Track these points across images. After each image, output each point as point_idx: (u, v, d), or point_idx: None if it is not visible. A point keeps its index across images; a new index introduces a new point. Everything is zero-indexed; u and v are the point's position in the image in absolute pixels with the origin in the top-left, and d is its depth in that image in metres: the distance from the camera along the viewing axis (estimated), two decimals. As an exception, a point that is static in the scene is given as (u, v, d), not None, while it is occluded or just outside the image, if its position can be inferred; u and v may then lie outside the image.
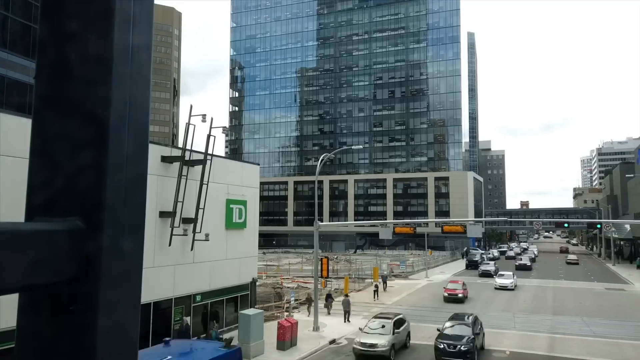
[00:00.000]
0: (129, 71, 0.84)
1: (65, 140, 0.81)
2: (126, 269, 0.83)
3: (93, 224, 0.78)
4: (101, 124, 0.81)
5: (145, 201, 0.89)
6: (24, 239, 0.70)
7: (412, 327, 25.71)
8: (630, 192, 71.61)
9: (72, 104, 0.81)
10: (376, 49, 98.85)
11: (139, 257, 0.87)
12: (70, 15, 0.80)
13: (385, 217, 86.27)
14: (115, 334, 0.80)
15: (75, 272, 0.76)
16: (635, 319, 28.67)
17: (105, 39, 0.81)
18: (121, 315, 0.81)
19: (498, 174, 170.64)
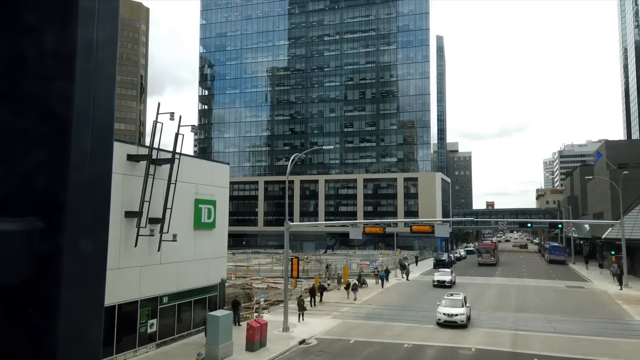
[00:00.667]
0: (92, 67, 0.82)
1: (23, 137, 0.78)
2: (88, 270, 0.81)
3: (53, 224, 0.76)
4: (62, 121, 0.78)
5: (109, 201, 0.87)
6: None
7: (381, 326, 26.00)
8: (589, 193, 74.56)
9: (30, 100, 0.78)
10: (347, 50, 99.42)
11: (102, 258, 0.85)
12: (30, 7, 0.77)
13: (356, 217, 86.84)
14: (76, 337, 0.78)
15: (34, 274, 0.74)
16: (593, 315, 29.84)
17: (67, 33, 0.78)
18: (83, 318, 0.79)
19: (465, 175, 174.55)
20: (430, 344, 22.44)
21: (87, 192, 0.81)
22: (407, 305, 32.99)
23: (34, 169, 0.77)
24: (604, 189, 59.43)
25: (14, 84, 0.78)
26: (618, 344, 22.42)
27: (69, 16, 0.78)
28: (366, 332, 24.78)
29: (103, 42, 0.84)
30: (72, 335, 0.77)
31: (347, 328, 25.72)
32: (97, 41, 0.82)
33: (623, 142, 76.34)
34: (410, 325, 26.22)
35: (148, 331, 20.27)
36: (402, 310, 31.00)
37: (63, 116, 0.78)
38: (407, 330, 25.05)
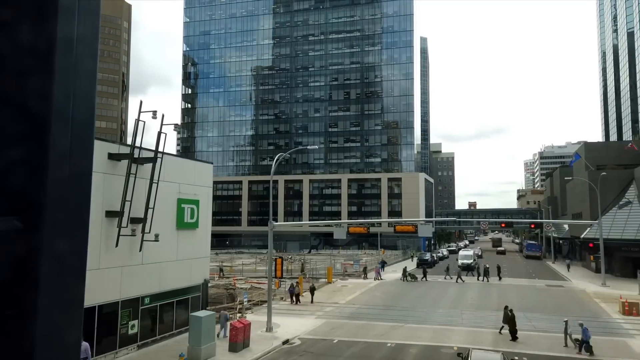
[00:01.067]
0: (72, 63, 0.80)
1: (0, 135, 0.76)
2: (67, 271, 0.79)
3: (30, 223, 0.74)
4: (40, 119, 0.76)
5: (89, 200, 0.86)
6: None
7: (364, 326, 26.10)
8: (569, 194, 75.99)
9: (7, 97, 0.76)
10: (332, 50, 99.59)
11: (81, 259, 0.83)
12: (7, 1, 0.74)
13: (340, 217, 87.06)
14: (54, 339, 0.76)
15: (10, 275, 0.72)
16: (572, 313, 30.37)
17: (46, 28, 0.76)
18: (61, 320, 0.78)
19: (448, 175, 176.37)
20: (413, 342, 22.59)
21: (66, 191, 0.79)
22: (391, 305, 33.17)
23: (11, 167, 0.75)
24: (583, 189, 60.64)
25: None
26: (597, 341, 22.85)
27: (48, 11, 0.76)
28: (350, 332, 24.84)
29: (83, 38, 0.82)
30: (49, 338, 0.75)
31: (331, 328, 25.75)
32: (77, 37, 0.80)
33: (601, 144, 78.01)
34: (394, 325, 26.37)
35: (129, 332, 19.98)
36: (385, 310, 31.16)
37: (41, 114, 0.77)
38: (390, 330, 25.18)
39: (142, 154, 20.11)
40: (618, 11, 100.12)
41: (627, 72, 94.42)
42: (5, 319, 0.72)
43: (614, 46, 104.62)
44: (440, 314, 29.72)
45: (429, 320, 27.97)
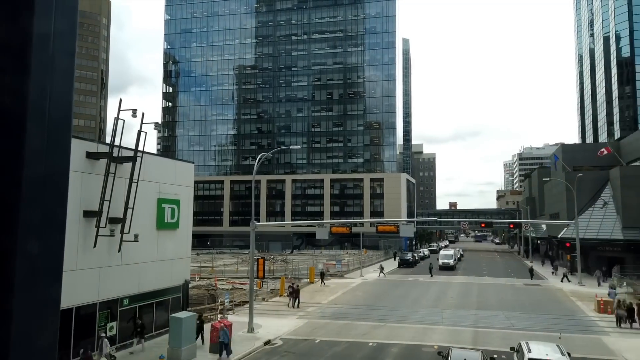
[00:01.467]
0: (48, 60, 0.77)
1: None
2: (42, 272, 0.77)
3: (4, 223, 0.72)
4: (14, 116, 0.74)
5: (66, 199, 0.83)
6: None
7: (346, 326, 26.15)
8: (547, 194, 77.46)
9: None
10: (315, 50, 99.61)
11: (57, 260, 0.81)
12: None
13: (322, 217, 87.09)
14: (28, 342, 0.74)
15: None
16: (549, 312, 31.01)
17: (21, 23, 0.74)
18: (36, 322, 0.75)
19: (429, 176, 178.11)
20: (395, 342, 22.72)
21: (42, 190, 0.77)
22: (373, 304, 33.32)
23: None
24: (560, 190, 61.88)
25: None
26: (573, 339, 23.36)
27: (25, 6, 0.74)
28: (332, 332, 24.85)
29: (60, 34, 0.80)
30: (24, 340, 0.73)
31: (313, 328, 25.72)
32: (53, 33, 0.78)
33: (578, 146, 79.77)
34: (376, 324, 26.48)
35: (107, 334, 19.62)
36: (367, 309, 31.29)
37: (16, 111, 0.75)
38: (372, 329, 25.28)
39: (121, 153, 19.78)
40: (594, 16, 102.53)
41: (602, 76, 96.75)
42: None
43: (590, 50, 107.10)
44: (421, 314, 29.97)
45: (410, 319, 28.18)
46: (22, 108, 0.75)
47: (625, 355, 19.96)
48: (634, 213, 48.71)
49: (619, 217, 50.30)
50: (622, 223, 49.42)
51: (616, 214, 51.08)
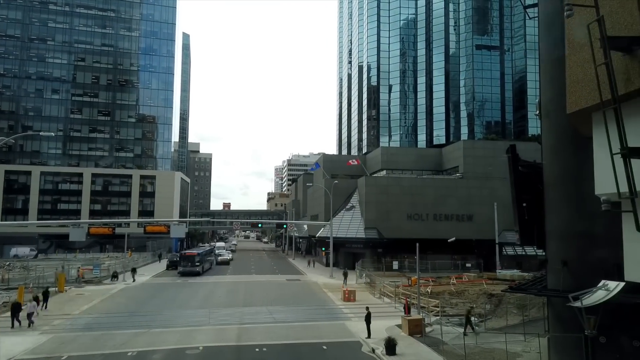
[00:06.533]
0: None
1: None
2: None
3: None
4: None
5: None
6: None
7: (102, 337, 23.39)
8: (309, 198, 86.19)
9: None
10: (79, 26, 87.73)
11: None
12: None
13: (80, 216, 76.88)
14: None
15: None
16: (306, 304, 34.21)
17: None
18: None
19: (205, 175, 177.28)
20: (158, 348, 21.37)
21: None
22: (135, 311, 30.82)
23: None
24: (320, 194, 69.61)
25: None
26: (323, 326, 26.21)
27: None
28: (84, 345, 21.83)
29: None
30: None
31: (60, 343, 22.13)
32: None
33: (336, 157, 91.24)
34: (137, 332, 24.46)
35: None
36: (128, 317, 28.74)
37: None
38: (133, 337, 23.25)
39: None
40: (353, 45, 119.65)
41: (356, 99, 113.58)
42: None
43: (348, 75, 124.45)
44: (187, 315, 29.14)
45: (176, 323, 27.06)
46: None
47: (361, 335, 23.41)
48: (373, 215, 58.37)
49: (363, 219, 59.50)
50: (365, 224, 58.57)
51: (361, 216, 60.25)
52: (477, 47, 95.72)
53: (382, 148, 77.63)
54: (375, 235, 57.64)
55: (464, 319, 24.81)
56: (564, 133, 14.82)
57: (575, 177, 14.42)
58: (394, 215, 57.41)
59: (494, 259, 51.89)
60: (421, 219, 57.56)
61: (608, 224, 11.45)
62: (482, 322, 26.95)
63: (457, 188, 59.10)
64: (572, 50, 10.11)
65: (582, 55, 9.56)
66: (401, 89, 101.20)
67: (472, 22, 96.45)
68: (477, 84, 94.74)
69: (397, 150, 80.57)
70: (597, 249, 13.55)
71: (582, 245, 14.23)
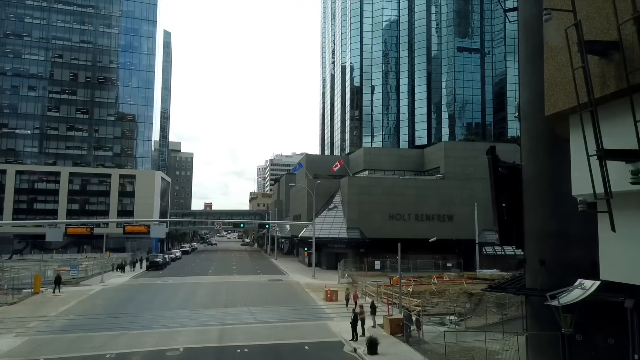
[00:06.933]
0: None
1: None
2: None
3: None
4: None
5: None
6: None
7: (79, 339, 22.95)
8: (292, 198, 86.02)
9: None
10: (57, 22, 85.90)
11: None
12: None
13: (57, 216, 75.27)
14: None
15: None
16: (288, 304, 34.12)
17: None
18: None
19: (186, 175, 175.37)
20: (137, 350, 21.06)
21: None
22: (114, 312, 30.32)
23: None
24: (303, 194, 69.54)
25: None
26: (305, 326, 26.19)
27: None
28: (60, 348, 21.39)
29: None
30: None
31: (35, 346, 21.62)
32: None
33: (319, 157, 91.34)
34: (116, 334, 24.06)
35: None
36: (107, 318, 28.24)
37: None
38: (111, 339, 22.85)
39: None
40: (336, 46, 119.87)
41: (339, 99, 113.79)
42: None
43: (331, 75, 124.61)
44: (168, 317, 28.79)
45: (155, 324, 26.70)
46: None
47: (343, 335, 23.46)
48: (355, 215, 58.58)
49: (345, 219, 59.65)
50: (347, 224, 58.72)
51: (343, 217, 60.40)
52: (458, 50, 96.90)
53: (365, 148, 77.96)
54: (357, 235, 57.85)
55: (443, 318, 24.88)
56: (541, 135, 15.11)
57: (551, 178, 14.71)
58: (376, 215, 57.71)
59: (474, 259, 52.58)
60: (403, 219, 58.00)
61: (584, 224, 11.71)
62: (462, 321, 27.28)
63: (438, 188, 59.73)
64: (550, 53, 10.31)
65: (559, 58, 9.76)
66: (384, 90, 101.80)
67: (453, 24, 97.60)
68: (458, 86, 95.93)
69: (380, 150, 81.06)
70: (573, 248, 13.85)
71: (559, 245, 14.53)
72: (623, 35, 7.72)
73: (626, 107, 7.55)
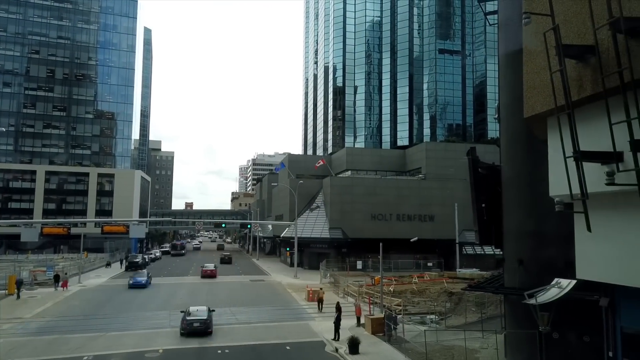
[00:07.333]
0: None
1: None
2: None
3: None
4: None
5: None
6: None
7: (55, 341, 22.47)
8: (274, 198, 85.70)
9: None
10: (34, 17, 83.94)
11: None
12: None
13: (33, 215, 73.54)
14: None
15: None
16: (270, 304, 34.00)
17: None
18: None
19: (166, 174, 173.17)
20: (115, 352, 20.71)
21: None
22: (92, 314, 29.77)
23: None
24: (285, 194, 69.35)
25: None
26: (286, 327, 26.13)
27: None
28: (36, 350, 20.92)
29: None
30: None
31: (10, 348, 21.09)
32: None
33: (301, 157, 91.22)
34: (94, 335, 23.63)
35: None
36: (84, 320, 27.71)
37: None
38: (89, 341, 22.43)
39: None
40: (319, 46, 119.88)
41: (322, 99, 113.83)
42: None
43: (314, 75, 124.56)
44: (147, 318, 28.40)
45: (135, 325, 26.30)
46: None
47: (325, 335, 23.47)
48: (337, 215, 58.70)
49: (327, 219, 59.72)
50: (329, 224, 58.80)
51: (326, 217, 60.46)
52: (439, 52, 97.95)
53: (347, 148, 78.17)
54: (339, 235, 57.98)
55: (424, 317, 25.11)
56: (519, 137, 15.38)
57: (529, 179, 14.98)
58: (358, 215, 57.92)
59: (454, 258, 53.21)
60: (384, 219, 58.34)
61: (560, 225, 11.95)
62: (443, 320, 27.58)
63: (420, 189, 60.26)
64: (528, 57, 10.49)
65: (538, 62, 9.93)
66: (366, 91, 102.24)
67: (435, 26, 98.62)
68: (440, 88, 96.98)
69: (362, 151, 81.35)
70: (549, 248, 14.12)
71: (536, 245, 14.80)
72: (599, 40, 7.90)
73: (602, 110, 7.72)
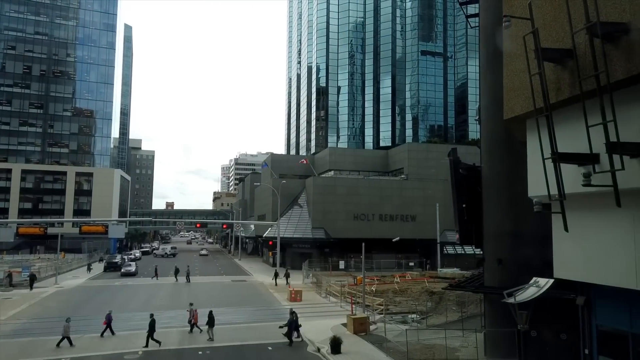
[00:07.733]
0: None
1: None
2: None
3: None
4: None
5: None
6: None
7: (31, 343, 21.96)
8: (257, 198, 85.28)
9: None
10: (10, 12, 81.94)
11: None
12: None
13: (8, 215, 71.77)
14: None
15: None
16: (252, 305, 33.82)
17: None
18: None
19: (147, 174, 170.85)
20: (93, 354, 20.35)
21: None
22: (70, 315, 29.10)
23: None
24: (268, 194, 69.08)
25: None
26: (268, 327, 26.00)
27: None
28: (11, 353, 20.41)
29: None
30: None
31: (-19, 353, 20.51)
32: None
33: (284, 156, 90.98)
34: (71, 337, 23.12)
35: None
36: (61, 322, 27.05)
37: None
38: (66, 343, 21.97)
39: None
40: (302, 46, 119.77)
41: (305, 99, 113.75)
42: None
43: (297, 75, 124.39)
44: (126, 319, 27.94)
45: (114, 326, 25.84)
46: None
47: (307, 335, 23.45)
48: (320, 215, 58.74)
49: (310, 219, 59.70)
50: (312, 224, 58.78)
51: (308, 217, 60.43)
52: (422, 53, 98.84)
53: (330, 149, 78.28)
54: (322, 235, 58.01)
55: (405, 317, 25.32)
56: (499, 138, 15.62)
57: (508, 179, 15.23)
58: (340, 215, 58.06)
59: (435, 258, 53.76)
60: (367, 219, 58.60)
61: (538, 225, 12.18)
62: (424, 319, 27.82)
63: (402, 189, 60.71)
64: (508, 60, 10.66)
65: (518, 65, 10.10)
66: (349, 91, 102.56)
67: (417, 28, 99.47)
68: (422, 89, 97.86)
69: (345, 151, 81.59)
70: (528, 247, 14.37)
71: (515, 244, 15.04)
72: (577, 44, 8.07)
73: (579, 112, 7.89)
